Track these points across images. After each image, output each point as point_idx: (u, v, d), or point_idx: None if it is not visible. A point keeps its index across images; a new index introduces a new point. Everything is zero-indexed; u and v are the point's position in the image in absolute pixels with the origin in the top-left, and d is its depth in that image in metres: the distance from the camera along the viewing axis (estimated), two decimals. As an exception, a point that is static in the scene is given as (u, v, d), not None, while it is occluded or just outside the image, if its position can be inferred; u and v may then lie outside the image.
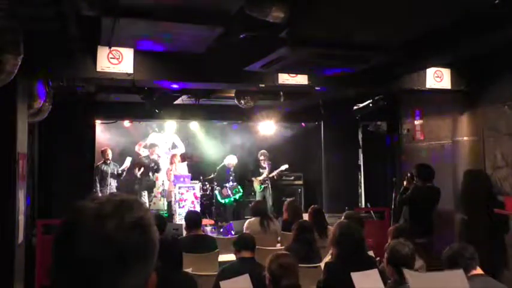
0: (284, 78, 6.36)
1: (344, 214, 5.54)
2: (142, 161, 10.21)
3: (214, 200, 10.61)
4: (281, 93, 7.95)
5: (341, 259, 3.77)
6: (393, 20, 4.44)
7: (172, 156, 10.53)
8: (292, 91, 7.78)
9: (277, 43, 4.82)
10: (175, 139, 11.23)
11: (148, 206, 9.72)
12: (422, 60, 6.18)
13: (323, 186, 9.91)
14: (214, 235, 7.32)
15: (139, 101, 7.78)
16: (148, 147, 10.46)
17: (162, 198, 10.60)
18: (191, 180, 10.06)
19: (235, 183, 10.47)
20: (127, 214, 0.95)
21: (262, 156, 10.52)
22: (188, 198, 9.66)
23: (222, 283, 3.57)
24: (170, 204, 10.05)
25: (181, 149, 11.09)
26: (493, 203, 6.47)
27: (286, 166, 10.42)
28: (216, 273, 4.29)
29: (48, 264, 0.97)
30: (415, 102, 8.70)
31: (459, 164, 7.18)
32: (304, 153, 11.15)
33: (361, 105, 8.31)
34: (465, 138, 7.17)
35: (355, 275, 3.44)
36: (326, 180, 9.82)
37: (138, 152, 10.74)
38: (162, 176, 10.47)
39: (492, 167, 6.71)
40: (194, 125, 11.19)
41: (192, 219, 5.64)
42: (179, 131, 11.24)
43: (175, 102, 8.43)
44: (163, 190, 10.58)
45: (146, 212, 1.00)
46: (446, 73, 6.92)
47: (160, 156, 10.55)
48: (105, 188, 9.25)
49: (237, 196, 10.47)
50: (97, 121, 9.16)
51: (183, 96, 8.15)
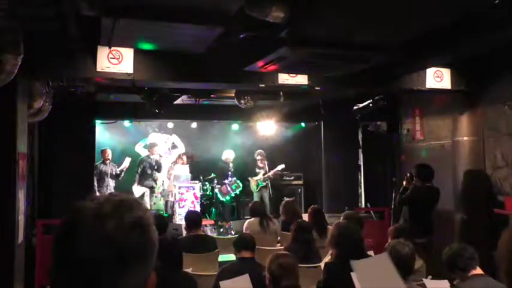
0: (284, 78, 6.36)
1: (343, 214, 5.54)
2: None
3: (214, 200, 10.59)
4: (281, 93, 7.95)
5: (340, 259, 3.77)
6: (393, 20, 4.44)
7: (178, 156, 10.54)
8: (292, 91, 7.78)
9: (277, 43, 4.82)
10: (175, 139, 11.22)
11: (149, 206, 9.73)
12: (422, 60, 6.18)
13: (323, 186, 9.90)
14: (214, 235, 7.31)
15: (139, 101, 7.78)
16: (148, 147, 10.45)
17: (162, 198, 10.60)
18: (191, 180, 10.06)
19: (233, 178, 10.39)
20: (126, 214, 0.95)
21: (259, 156, 10.43)
22: (188, 198, 9.66)
23: (222, 283, 3.57)
24: (167, 203, 10.04)
25: (181, 149, 11.08)
26: (493, 203, 6.47)
27: (282, 166, 10.31)
28: (216, 273, 4.29)
29: (48, 264, 0.97)
30: (415, 102, 8.70)
31: (459, 164, 7.18)
32: (304, 153, 11.14)
33: (361, 105, 8.31)
34: (465, 138, 7.16)
35: (355, 275, 3.44)
36: (326, 180, 9.82)
37: (138, 152, 10.74)
38: (162, 176, 10.47)
39: (492, 167, 6.71)
40: (194, 125, 11.20)
41: (192, 219, 5.64)
42: (179, 131, 11.24)
43: (175, 102, 8.42)
44: (163, 190, 10.57)
45: (145, 212, 1.00)
46: (446, 73, 6.92)
47: (161, 156, 10.54)
48: (103, 188, 9.24)
49: (237, 191, 10.39)
50: (97, 121, 9.16)
51: (183, 96, 8.15)
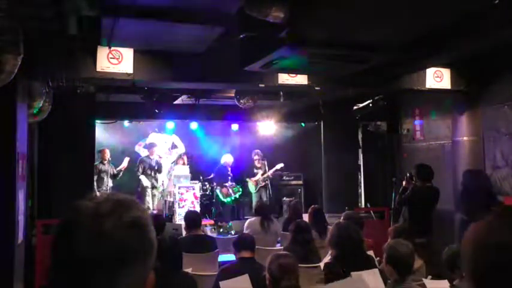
0: (284, 78, 6.36)
1: (343, 214, 5.54)
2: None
3: (214, 200, 10.58)
4: (281, 93, 7.95)
5: (340, 260, 3.77)
6: (393, 20, 4.44)
7: (178, 157, 10.53)
8: (292, 91, 7.78)
9: (277, 43, 4.82)
10: (175, 139, 11.21)
11: (150, 207, 9.72)
12: (422, 60, 6.18)
13: (323, 186, 9.90)
14: (214, 235, 7.31)
15: (139, 101, 7.78)
16: (147, 147, 10.43)
17: (162, 198, 10.58)
18: (191, 180, 10.05)
19: (233, 182, 10.36)
20: (125, 213, 0.95)
21: (256, 156, 10.29)
22: (188, 198, 9.65)
23: (222, 283, 3.57)
24: (168, 203, 10.03)
25: (181, 149, 11.07)
26: (493, 203, 6.47)
27: (281, 165, 10.18)
28: (216, 273, 4.29)
29: (47, 264, 0.97)
30: (415, 102, 8.70)
31: (459, 164, 7.18)
32: (304, 153, 11.13)
33: (361, 105, 8.31)
34: (465, 138, 7.16)
35: (355, 275, 3.44)
36: (326, 180, 9.82)
37: (138, 152, 10.72)
38: (162, 176, 10.45)
39: (492, 167, 6.71)
40: (194, 125, 11.19)
41: (192, 219, 5.64)
42: (179, 131, 11.23)
43: (175, 102, 8.43)
44: (163, 190, 10.56)
45: (144, 212, 1.00)
46: (446, 73, 6.92)
47: (161, 156, 10.53)
48: (101, 188, 9.23)
49: (237, 195, 10.38)
50: (97, 121, 9.16)
51: (183, 96, 8.15)
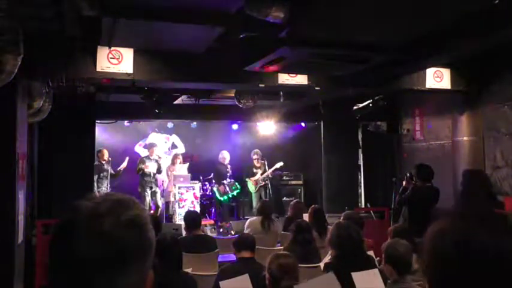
0: (284, 78, 6.36)
1: (343, 214, 5.54)
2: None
3: (214, 200, 10.56)
4: (281, 93, 7.95)
5: (340, 260, 3.77)
6: (393, 20, 4.44)
7: (174, 156, 10.50)
8: (292, 91, 7.78)
9: (277, 43, 4.82)
10: (175, 139, 11.21)
11: (150, 207, 9.72)
12: (422, 60, 6.18)
13: (323, 186, 9.90)
14: (214, 235, 7.31)
15: (139, 101, 7.78)
16: (147, 147, 10.43)
17: (162, 198, 10.58)
18: (191, 180, 10.04)
19: (232, 180, 10.32)
20: (123, 212, 0.96)
21: (255, 155, 10.22)
22: (188, 198, 9.64)
23: (222, 283, 3.57)
24: (170, 204, 10.03)
25: (181, 149, 11.07)
26: (493, 203, 6.47)
27: (281, 164, 10.12)
28: (216, 273, 4.29)
29: (47, 264, 0.97)
30: (415, 102, 8.70)
31: (459, 164, 7.18)
32: (304, 153, 11.13)
33: (361, 105, 8.31)
34: (465, 138, 7.16)
35: (355, 275, 3.44)
36: (326, 180, 9.82)
37: (138, 152, 10.72)
38: (162, 176, 10.45)
39: (492, 167, 6.71)
40: (194, 125, 11.18)
41: (192, 219, 5.64)
42: (179, 131, 11.23)
43: (175, 102, 8.43)
44: (163, 190, 10.56)
45: (142, 211, 1.00)
46: (446, 73, 6.92)
47: (160, 156, 10.53)
48: (101, 189, 9.23)
49: (235, 193, 10.33)
50: (97, 121, 9.16)
51: (183, 96, 8.15)
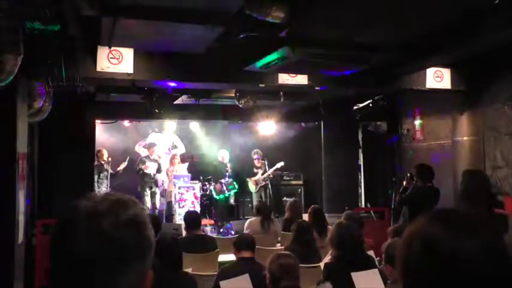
0: (284, 78, 6.36)
1: (344, 214, 5.54)
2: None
3: (213, 199, 10.56)
4: (281, 93, 7.95)
5: (340, 260, 3.77)
6: (393, 20, 4.45)
7: (172, 156, 10.49)
8: (292, 91, 7.77)
9: (277, 43, 4.82)
10: (175, 139, 11.20)
11: (150, 207, 9.71)
12: (422, 60, 6.18)
13: (323, 186, 9.90)
14: (214, 235, 7.31)
15: (139, 101, 7.78)
16: (147, 147, 10.42)
17: (162, 198, 10.58)
18: (191, 180, 10.04)
19: (231, 179, 10.31)
20: (122, 212, 0.96)
21: (256, 155, 10.22)
22: (188, 198, 9.64)
23: (222, 283, 3.57)
24: (170, 204, 10.03)
25: (181, 149, 11.06)
26: (493, 203, 6.46)
27: (281, 164, 10.10)
28: (216, 273, 4.29)
29: (48, 264, 0.98)
30: (415, 102, 8.69)
31: (459, 164, 7.18)
32: (304, 153, 11.13)
33: (361, 105, 8.31)
34: (465, 138, 7.16)
35: (355, 275, 3.44)
36: (326, 180, 9.82)
37: (138, 152, 10.72)
38: (162, 176, 10.45)
39: (492, 167, 6.71)
40: (194, 125, 11.18)
41: (192, 219, 5.64)
42: (179, 131, 11.23)
43: (175, 102, 8.43)
44: (163, 190, 10.56)
45: (142, 211, 1.01)
46: (446, 73, 6.92)
47: (160, 156, 10.53)
48: (101, 188, 9.23)
49: (232, 192, 10.32)
50: (97, 121, 9.16)
51: (183, 96, 8.15)
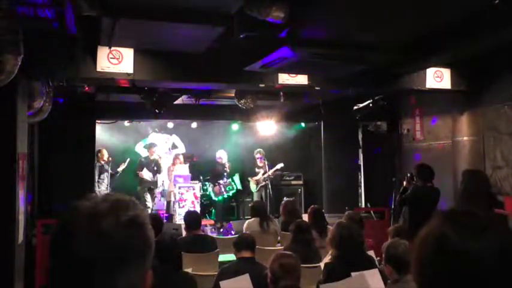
0: (284, 78, 6.36)
1: (346, 214, 5.54)
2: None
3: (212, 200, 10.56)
4: (281, 93, 7.94)
5: (340, 260, 3.77)
6: (393, 20, 4.44)
7: (175, 156, 10.50)
8: (292, 91, 7.77)
9: (277, 43, 4.82)
10: (175, 139, 11.20)
11: (151, 207, 9.71)
12: (422, 60, 6.17)
13: (323, 186, 9.90)
14: (214, 235, 7.30)
15: (139, 101, 7.78)
16: (147, 147, 10.42)
17: (162, 198, 10.58)
18: (191, 180, 10.04)
19: (229, 179, 10.33)
20: (122, 212, 0.96)
21: (258, 154, 10.27)
22: (188, 198, 9.64)
23: (222, 283, 3.57)
24: (169, 204, 10.03)
25: (181, 149, 11.06)
26: (493, 203, 6.46)
27: (281, 165, 10.19)
28: (216, 273, 4.29)
29: (48, 264, 0.98)
30: (415, 102, 8.69)
31: (459, 164, 7.18)
32: (304, 153, 11.13)
33: (361, 105, 8.31)
34: (465, 138, 7.16)
35: (355, 275, 3.44)
36: (326, 180, 9.81)
37: (138, 152, 10.72)
38: (162, 176, 10.45)
39: (492, 167, 6.71)
40: (194, 125, 11.19)
41: (192, 219, 5.63)
42: (179, 131, 11.23)
43: (175, 102, 8.42)
44: (163, 190, 10.56)
45: (141, 211, 1.01)
46: (446, 73, 6.92)
47: (160, 156, 10.53)
48: (100, 189, 9.21)
49: (231, 193, 10.33)
50: (97, 121, 9.16)
51: (183, 96, 8.15)
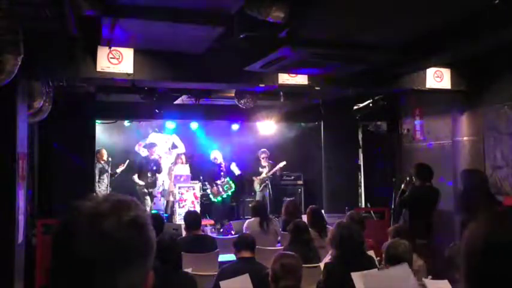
0: (284, 78, 6.36)
1: (347, 215, 5.54)
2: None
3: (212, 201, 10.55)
4: (281, 93, 7.94)
5: (340, 260, 3.77)
6: (393, 20, 4.44)
7: (177, 156, 10.50)
8: (292, 91, 7.77)
9: (277, 43, 4.82)
10: (175, 139, 11.20)
11: (151, 207, 9.71)
12: (422, 60, 6.17)
13: (323, 186, 9.90)
14: (214, 235, 7.31)
15: (139, 101, 7.78)
16: (147, 147, 10.42)
17: (162, 198, 10.58)
18: (191, 180, 10.03)
19: (226, 178, 10.32)
20: (124, 213, 0.96)
21: (263, 154, 10.38)
22: (188, 198, 9.64)
23: (222, 283, 3.57)
24: (168, 203, 10.03)
25: (181, 149, 11.06)
26: (492, 203, 6.46)
27: (284, 163, 10.29)
28: (216, 273, 4.29)
29: (48, 264, 0.98)
30: (415, 102, 8.69)
31: (459, 164, 7.17)
32: (304, 153, 11.13)
33: (361, 105, 8.30)
34: (465, 138, 7.16)
35: (355, 275, 3.44)
36: (326, 180, 9.81)
37: (138, 152, 10.71)
38: (162, 176, 10.44)
39: (492, 167, 6.70)
40: (194, 125, 11.18)
41: (192, 219, 5.64)
42: (179, 131, 11.22)
43: (175, 102, 8.43)
44: (163, 190, 10.56)
45: (143, 211, 1.01)
46: (446, 73, 6.92)
47: (161, 156, 10.52)
48: (100, 189, 9.21)
49: (229, 192, 10.32)
50: (97, 121, 9.15)
51: (183, 96, 8.15)
